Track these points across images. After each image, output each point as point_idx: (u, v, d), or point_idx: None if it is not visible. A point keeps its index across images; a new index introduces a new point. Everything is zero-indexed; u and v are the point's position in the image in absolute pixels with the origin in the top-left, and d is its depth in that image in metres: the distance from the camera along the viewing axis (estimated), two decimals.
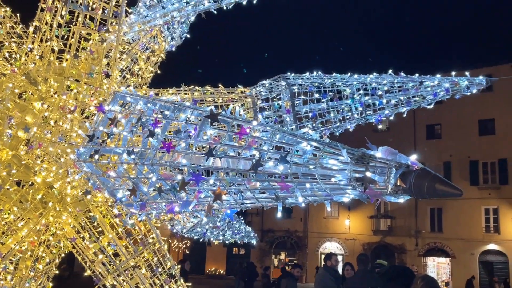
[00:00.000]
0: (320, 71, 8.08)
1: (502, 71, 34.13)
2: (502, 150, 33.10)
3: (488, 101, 32.78)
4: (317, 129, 7.84)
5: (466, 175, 34.35)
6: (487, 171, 34.07)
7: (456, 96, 8.13)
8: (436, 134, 36.61)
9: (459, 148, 34.40)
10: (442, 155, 35.32)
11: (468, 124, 34.30)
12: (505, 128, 33.36)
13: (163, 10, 7.72)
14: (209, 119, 3.32)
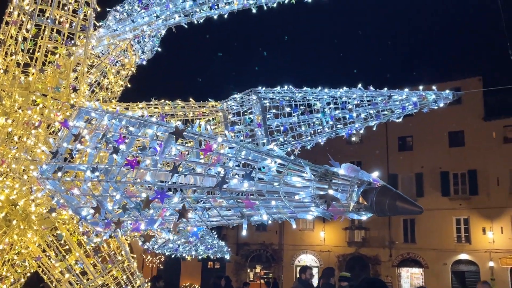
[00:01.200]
0: (291, 86, 8.13)
1: (471, 84, 35.09)
2: (471, 161, 33.88)
3: (457, 114, 33.57)
4: (289, 142, 7.87)
5: (437, 186, 34.99)
6: (457, 182, 34.79)
7: (424, 109, 8.29)
8: (407, 146, 37.25)
9: (430, 159, 35.07)
10: (414, 166, 35.95)
11: (438, 136, 35.02)
12: (474, 140, 34.21)
13: (133, 24, 7.67)
14: (174, 136, 3.28)
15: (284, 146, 7.87)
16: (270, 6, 8.80)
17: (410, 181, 36.32)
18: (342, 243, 37.66)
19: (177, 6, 7.78)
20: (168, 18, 7.83)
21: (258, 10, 8.83)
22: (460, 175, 34.72)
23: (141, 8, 8.80)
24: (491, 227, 32.57)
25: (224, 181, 2.81)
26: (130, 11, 8.74)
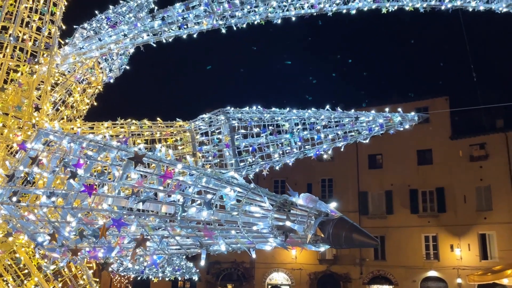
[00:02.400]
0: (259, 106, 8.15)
1: (438, 104, 36.02)
2: (439, 179, 34.56)
3: (425, 132, 34.28)
4: (257, 163, 7.85)
5: (407, 204, 35.50)
6: (426, 199, 35.37)
7: (390, 131, 8.43)
8: (377, 164, 37.75)
9: (400, 177, 35.61)
10: (383, 184, 36.41)
11: (407, 154, 35.66)
12: (441, 158, 34.96)
13: (100, 42, 7.57)
14: (133, 161, 3.20)
15: (252, 167, 7.85)
16: (239, 26, 8.86)
17: (380, 198, 36.74)
18: (314, 260, 37.62)
19: (145, 25, 7.74)
20: (136, 37, 7.76)
21: (228, 29, 8.87)
22: (428, 192, 35.32)
23: (109, 26, 8.72)
24: (458, 244, 33.14)
25: (183, 210, 2.74)
26: (98, 29, 8.65)
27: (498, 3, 9.71)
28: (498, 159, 32.50)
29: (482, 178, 32.85)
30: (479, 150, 33.62)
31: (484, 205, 32.67)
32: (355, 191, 37.45)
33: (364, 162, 37.62)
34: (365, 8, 9.44)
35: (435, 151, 35.51)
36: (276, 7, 8.87)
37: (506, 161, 32.18)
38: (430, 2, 9.49)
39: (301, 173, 35.09)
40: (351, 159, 36.61)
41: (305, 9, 9.11)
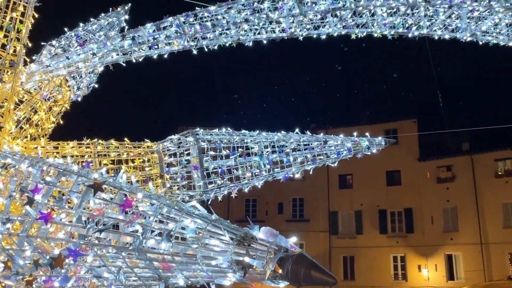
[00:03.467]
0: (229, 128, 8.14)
1: (406, 126, 36.82)
2: (407, 200, 35.11)
3: (394, 154, 34.85)
4: (225, 185, 7.79)
5: (376, 224, 35.86)
6: (394, 220, 35.83)
7: (358, 155, 8.52)
8: (348, 184, 38.09)
9: (369, 197, 36.02)
10: (353, 204, 36.73)
11: (376, 175, 36.14)
12: (410, 179, 35.59)
13: (68, 60, 7.44)
14: (93, 188, 3.11)
15: (221, 189, 7.78)
16: (211, 48, 8.89)
17: (349, 218, 37.00)
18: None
19: (115, 44, 7.67)
20: (105, 56, 7.67)
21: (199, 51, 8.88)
22: (397, 213, 35.79)
23: (78, 44, 8.61)
24: (426, 265, 33.57)
25: (141, 241, 2.67)
26: (66, 46, 8.53)
27: (462, 32, 10.04)
28: (464, 181, 33.31)
29: (449, 200, 33.55)
30: (446, 172, 34.39)
31: (450, 226, 33.31)
32: (325, 210, 37.63)
33: (334, 182, 37.90)
34: (335, 34, 9.62)
35: (404, 172, 36.12)
36: (248, 30, 8.94)
37: (471, 183, 33.00)
38: (398, 29, 9.74)
39: (272, 193, 35.06)
40: (322, 179, 36.86)
41: (276, 33, 9.22)
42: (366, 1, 9.10)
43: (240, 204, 37.10)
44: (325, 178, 37.30)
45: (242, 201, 37.18)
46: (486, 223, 31.80)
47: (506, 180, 31.86)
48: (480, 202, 32.33)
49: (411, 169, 35.68)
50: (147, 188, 7.42)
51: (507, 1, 9.15)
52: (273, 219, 37.37)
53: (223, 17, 8.57)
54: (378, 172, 35.87)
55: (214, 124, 39.49)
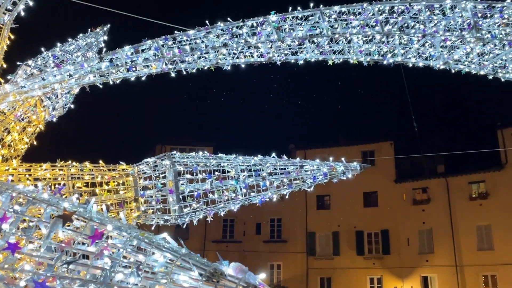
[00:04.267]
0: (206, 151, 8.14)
1: (384, 148, 37.37)
2: (384, 221, 35.39)
3: (371, 175, 35.20)
4: (201, 209, 7.76)
5: (353, 245, 35.97)
6: (371, 241, 36.02)
7: (333, 180, 8.60)
8: (325, 205, 38.24)
9: (346, 218, 36.18)
10: (331, 225, 36.82)
11: (354, 196, 36.37)
12: (386, 201, 35.94)
13: (43, 81, 7.38)
14: (62, 219, 3.07)
15: (196, 213, 7.75)
16: (189, 71, 8.93)
17: (327, 239, 37.03)
18: None
19: (92, 66, 7.65)
20: (82, 78, 7.64)
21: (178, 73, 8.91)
22: (373, 234, 36.00)
23: (55, 64, 8.56)
24: (402, 286, 33.72)
25: (110, 274, 2.64)
26: (42, 66, 8.47)
27: (435, 60, 10.33)
28: (439, 203, 33.79)
29: (424, 221, 33.94)
30: (422, 194, 34.85)
31: (426, 248, 33.62)
32: (303, 231, 37.60)
33: (312, 202, 38.00)
34: (312, 59, 9.80)
35: (380, 193, 36.46)
36: (226, 54, 9.04)
37: (446, 205, 33.49)
38: (373, 56, 9.97)
39: (250, 213, 34.90)
40: (300, 199, 36.90)
41: (254, 58, 9.33)
42: (342, 28, 9.31)
43: (217, 224, 36.85)
44: (303, 199, 37.36)
45: (220, 221, 36.93)
46: (461, 246, 32.21)
47: (480, 202, 32.44)
48: (455, 224, 32.80)
49: (388, 190, 36.06)
50: (121, 210, 7.34)
51: (478, 32, 9.47)
52: (251, 239, 37.19)
53: (201, 41, 8.65)
54: (355, 193, 36.12)
55: (193, 144, 39.32)
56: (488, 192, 32.35)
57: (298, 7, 9.11)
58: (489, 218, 31.57)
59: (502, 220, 30.88)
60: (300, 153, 38.99)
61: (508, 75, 10.57)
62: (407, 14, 9.30)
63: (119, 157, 8.19)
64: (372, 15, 9.25)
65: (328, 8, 9.17)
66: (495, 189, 32.04)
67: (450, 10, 9.35)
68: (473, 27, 9.41)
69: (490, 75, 10.62)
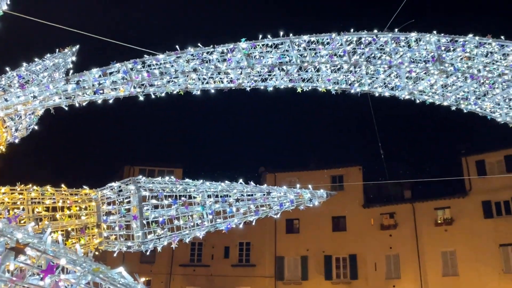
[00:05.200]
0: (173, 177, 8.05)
1: (352, 172, 37.79)
2: (352, 246, 35.56)
3: (340, 200, 35.49)
4: (166, 235, 7.63)
5: (321, 270, 35.91)
6: (339, 266, 36.06)
7: (300, 207, 8.62)
8: (294, 229, 38.18)
9: (315, 243, 36.18)
10: (299, 249, 36.74)
11: (323, 220, 36.48)
12: (355, 225, 36.18)
13: (6, 102, 7.21)
14: (14, 252, 2.96)
15: (160, 239, 7.61)
16: (158, 95, 8.89)
17: (295, 263, 36.88)
18: None
19: (58, 88, 7.53)
20: (47, 99, 7.50)
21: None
22: (342, 259, 36.08)
23: (20, 84, 8.38)
24: None
25: None
26: (7, 86, 8.28)
27: (401, 90, 10.61)
28: (406, 228, 34.23)
29: (391, 247, 34.27)
30: (389, 219, 35.27)
31: (393, 273, 33.86)
32: (272, 255, 37.36)
33: (281, 226, 37.89)
34: (281, 86, 9.92)
35: (349, 218, 36.70)
36: (196, 79, 9.05)
37: (413, 230, 33.96)
38: (341, 85, 10.17)
39: (218, 236, 34.34)
40: (269, 223, 36.74)
41: (224, 83, 9.38)
42: (311, 57, 9.49)
43: (185, 248, 36.23)
44: (272, 222, 37.22)
45: (188, 244, 36.30)
46: (426, 271, 32.59)
47: (445, 228, 33.03)
48: (421, 250, 33.23)
49: (356, 215, 36.34)
50: (83, 236, 7.14)
51: (441, 64, 9.79)
52: (219, 263, 36.70)
53: (171, 65, 8.65)
54: (324, 217, 36.24)
55: (162, 165, 38.86)
56: (453, 218, 33.01)
57: (268, 35, 9.25)
58: (454, 244, 32.14)
59: (466, 245, 31.49)
60: (270, 176, 39.08)
61: (470, 106, 10.94)
62: (374, 45, 9.55)
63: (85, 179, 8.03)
64: (340, 45, 9.46)
65: (298, 37, 9.34)
66: (460, 215, 32.75)
67: (415, 42, 9.65)
68: (437, 60, 9.73)
69: (453, 106, 10.97)
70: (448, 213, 33.48)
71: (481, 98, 10.70)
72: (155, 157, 43.09)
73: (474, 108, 10.89)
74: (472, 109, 10.95)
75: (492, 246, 30.87)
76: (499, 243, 30.81)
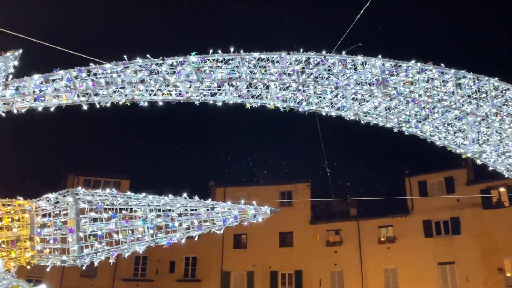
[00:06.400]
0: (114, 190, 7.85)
1: (301, 189, 38.22)
2: (298, 262, 35.77)
3: (288, 215, 35.88)
4: (103, 250, 7.39)
5: (267, 285, 35.85)
6: (285, 282, 36.16)
7: (244, 223, 8.61)
8: (242, 244, 38.02)
9: (262, 258, 36.15)
10: (246, 264, 36.57)
11: (270, 236, 36.54)
12: (301, 241, 36.49)
13: None
14: None
15: (97, 254, 7.36)
16: (103, 105, 8.69)
17: (242, 279, 36.65)
18: None
19: None
20: None
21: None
22: (287, 275, 36.20)
23: None
24: None
25: None
26: None
27: (347, 111, 10.88)
28: (350, 245, 34.89)
29: (336, 263, 34.77)
30: (335, 235, 35.86)
31: None
32: (218, 270, 36.97)
33: (229, 241, 37.61)
34: (230, 102, 9.94)
35: (296, 234, 36.97)
36: (144, 90, 8.92)
37: (357, 247, 34.65)
38: (290, 103, 10.33)
39: (164, 250, 33.59)
40: (216, 237, 36.32)
41: (173, 96, 9.29)
42: (261, 74, 9.58)
43: (129, 261, 35.19)
44: (220, 237, 36.86)
45: (132, 258, 35.31)
46: (369, 287, 33.29)
47: (388, 246, 33.95)
48: (364, 267, 33.92)
49: (303, 231, 36.67)
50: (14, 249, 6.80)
51: (385, 88, 10.15)
52: (164, 278, 35.92)
53: (118, 75, 8.48)
54: (271, 232, 36.31)
55: (109, 176, 37.77)
56: (396, 236, 34.00)
57: (219, 50, 9.27)
58: (396, 261, 33.05)
59: (407, 263, 32.46)
60: (220, 190, 38.85)
61: (411, 129, 11.37)
62: (322, 66, 9.77)
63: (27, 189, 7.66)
64: (290, 64, 9.62)
65: (248, 54, 9.43)
66: (402, 234, 33.78)
67: (361, 65, 9.95)
68: (381, 83, 10.08)
69: (396, 128, 11.38)
70: (391, 231, 34.44)
71: (421, 121, 11.15)
72: (102, 167, 41.87)
73: (415, 131, 11.33)
74: (413, 132, 11.38)
75: (432, 264, 32.00)
76: (438, 262, 31.99)
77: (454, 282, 31.36)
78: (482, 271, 30.54)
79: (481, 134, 11.17)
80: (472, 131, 11.06)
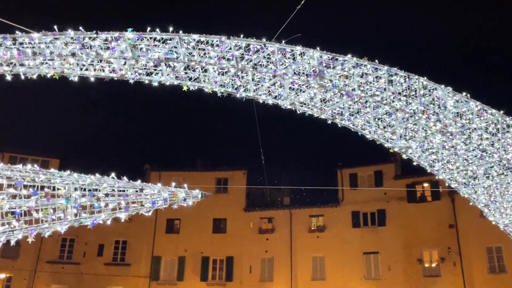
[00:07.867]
0: None
1: (237, 176, 38.46)
2: (230, 248, 36.04)
3: (223, 202, 36.03)
4: (21, 228, 7.03)
5: (198, 271, 35.86)
6: (216, 267, 36.33)
7: (174, 206, 8.49)
8: (175, 229, 37.70)
9: (194, 244, 36.08)
10: (178, 249, 36.34)
11: (204, 222, 36.54)
12: (235, 228, 36.76)
13: None
14: None
15: (14, 232, 6.99)
16: (29, 77, 8.20)
17: (172, 264, 36.41)
18: None
19: None
20: None
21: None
22: (219, 261, 36.40)
23: None
24: None
25: None
26: None
27: (284, 100, 10.99)
28: (282, 233, 35.62)
29: (267, 250, 35.39)
30: (267, 223, 36.45)
31: (266, 276, 34.98)
32: (149, 255, 36.49)
33: (162, 226, 37.20)
34: (167, 83, 9.72)
35: (230, 221, 37.21)
36: (74, 64, 8.52)
37: (288, 235, 35.44)
38: (227, 88, 10.26)
39: (93, 233, 32.75)
40: (149, 221, 35.84)
41: (105, 72, 8.95)
42: (199, 57, 9.43)
43: (54, 243, 33.93)
44: (152, 221, 36.39)
45: (58, 239, 34.04)
46: (297, 275, 34.17)
47: (317, 235, 34.99)
48: (294, 254, 34.76)
49: (237, 218, 36.96)
50: None
51: (321, 79, 10.34)
52: (91, 261, 34.94)
53: (47, 46, 8.03)
54: (205, 219, 36.37)
55: (37, 154, 35.94)
56: (325, 226, 35.10)
57: (157, 29, 9.01)
58: (324, 250, 34.16)
59: (334, 252, 33.66)
60: (155, 174, 38.23)
61: (344, 122, 11.69)
62: (261, 53, 9.78)
63: None
64: (229, 49, 9.54)
65: (187, 35, 9.23)
66: (332, 223, 34.92)
67: (299, 56, 10.06)
68: (318, 75, 10.26)
69: (329, 120, 11.65)
70: (321, 221, 35.51)
71: (354, 115, 11.50)
72: (30, 145, 39.75)
73: (348, 123, 11.67)
74: (345, 124, 11.72)
75: (357, 253, 33.38)
76: (363, 251, 33.41)
77: (377, 271, 32.92)
78: (403, 261, 32.29)
79: (408, 130, 11.71)
80: (400, 127, 11.57)
